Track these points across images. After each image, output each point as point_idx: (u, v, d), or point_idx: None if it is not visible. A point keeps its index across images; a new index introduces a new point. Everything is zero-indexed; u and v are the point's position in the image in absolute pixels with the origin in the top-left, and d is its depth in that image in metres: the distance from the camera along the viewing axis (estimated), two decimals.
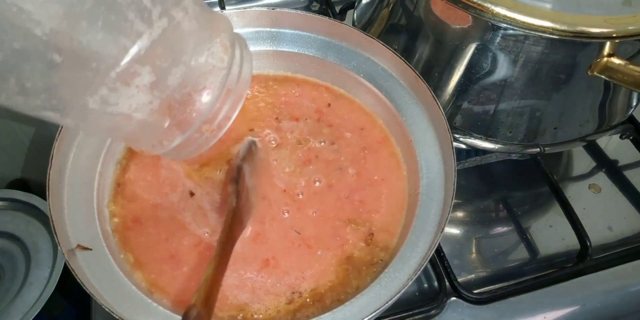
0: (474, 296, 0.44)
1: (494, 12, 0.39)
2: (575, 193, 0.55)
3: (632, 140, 0.56)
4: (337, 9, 0.65)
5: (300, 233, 0.40)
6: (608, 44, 0.40)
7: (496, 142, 0.49)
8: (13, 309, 0.57)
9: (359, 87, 0.46)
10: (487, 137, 0.49)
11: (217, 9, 0.61)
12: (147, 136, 0.32)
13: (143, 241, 0.39)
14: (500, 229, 0.52)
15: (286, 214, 0.41)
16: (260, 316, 0.37)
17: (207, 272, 0.32)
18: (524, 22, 0.38)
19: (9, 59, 0.24)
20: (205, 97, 0.31)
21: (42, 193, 0.40)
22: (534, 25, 0.38)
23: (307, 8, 0.71)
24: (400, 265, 0.36)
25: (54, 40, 0.24)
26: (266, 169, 0.43)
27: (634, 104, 0.51)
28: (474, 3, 0.39)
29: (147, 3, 0.27)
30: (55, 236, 0.35)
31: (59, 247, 0.35)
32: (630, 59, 0.41)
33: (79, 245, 0.36)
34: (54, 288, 0.57)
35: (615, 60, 0.41)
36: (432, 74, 0.47)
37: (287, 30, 0.46)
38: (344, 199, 0.41)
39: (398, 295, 0.33)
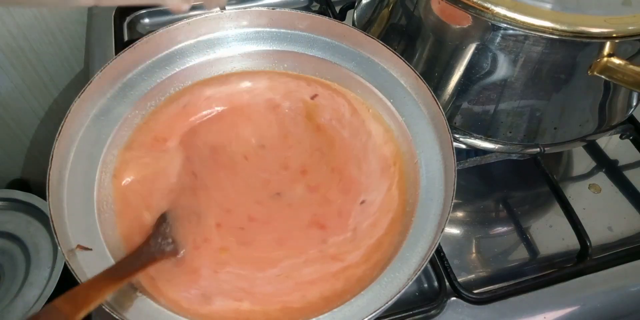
0: (474, 296, 0.44)
1: (494, 12, 0.39)
2: (575, 193, 0.55)
3: (632, 140, 0.56)
4: (337, 9, 0.65)
5: None
6: (608, 44, 0.40)
7: (496, 142, 0.49)
8: (13, 308, 0.57)
9: (359, 87, 0.46)
10: (487, 137, 0.49)
11: (217, 9, 0.60)
12: None
13: None
14: (500, 229, 0.52)
15: None
16: None
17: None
18: (524, 22, 0.38)
19: None
20: None
21: (42, 193, 0.40)
22: (534, 25, 0.38)
23: (307, 8, 0.71)
24: (400, 265, 0.36)
25: None
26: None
27: (634, 104, 0.51)
28: (474, 3, 0.39)
29: None
30: (55, 236, 0.35)
31: (59, 247, 0.34)
32: (630, 59, 0.41)
33: (79, 245, 0.36)
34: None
35: (615, 60, 0.41)
36: (432, 74, 0.47)
37: (287, 30, 0.46)
38: None
39: (398, 295, 0.33)
